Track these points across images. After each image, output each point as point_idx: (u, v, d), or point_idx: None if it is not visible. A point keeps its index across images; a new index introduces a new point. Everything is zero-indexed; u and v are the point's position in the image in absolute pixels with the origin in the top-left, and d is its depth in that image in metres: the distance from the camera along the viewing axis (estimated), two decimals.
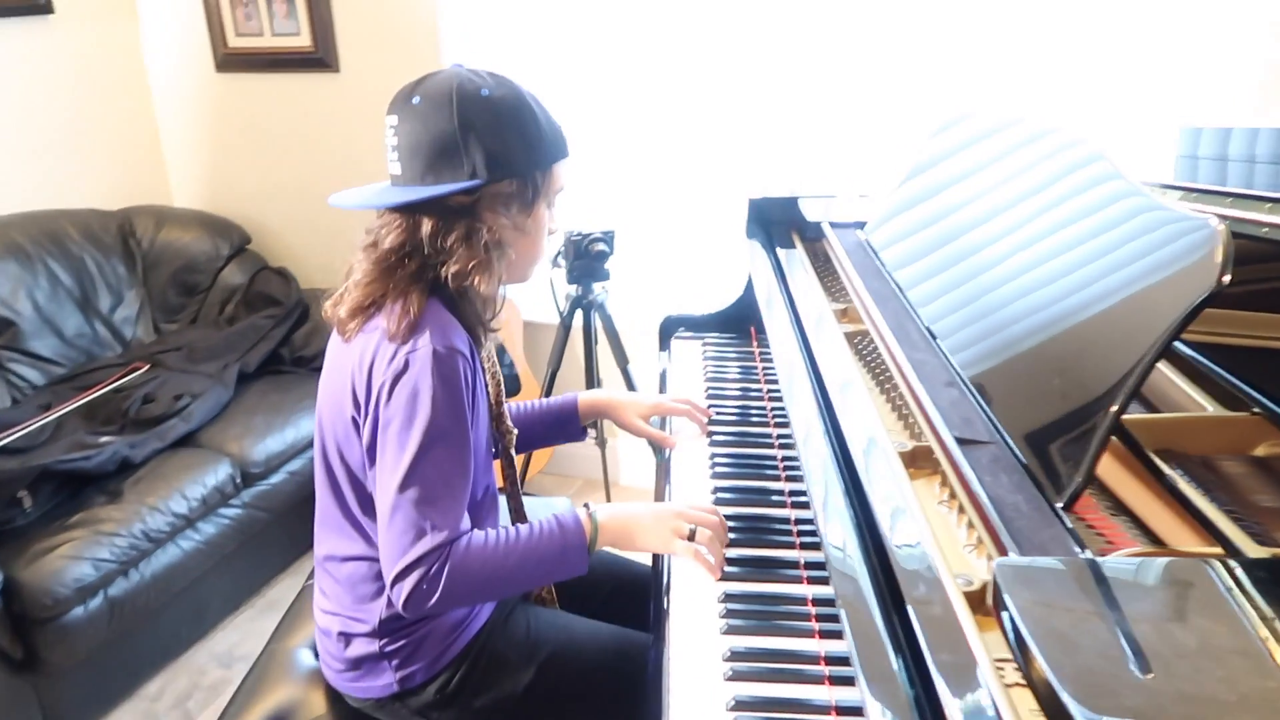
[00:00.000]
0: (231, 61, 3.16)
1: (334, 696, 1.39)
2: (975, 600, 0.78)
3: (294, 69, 3.10)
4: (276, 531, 2.57)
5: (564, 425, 1.63)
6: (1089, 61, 2.25)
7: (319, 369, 2.85)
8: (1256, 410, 1.08)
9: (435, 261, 1.21)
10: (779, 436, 1.57)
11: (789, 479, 1.40)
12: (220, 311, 3.06)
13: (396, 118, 1.21)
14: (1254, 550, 0.80)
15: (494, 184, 1.20)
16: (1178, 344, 1.18)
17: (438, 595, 1.15)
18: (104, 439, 2.32)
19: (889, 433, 1.07)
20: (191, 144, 3.32)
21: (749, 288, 2.04)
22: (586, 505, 1.29)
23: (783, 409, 1.64)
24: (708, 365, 1.87)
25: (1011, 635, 0.68)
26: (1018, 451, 0.92)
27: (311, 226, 3.26)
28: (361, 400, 1.21)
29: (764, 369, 1.84)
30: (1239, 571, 0.70)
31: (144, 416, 2.46)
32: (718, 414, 1.65)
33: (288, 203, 3.27)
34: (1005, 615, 0.69)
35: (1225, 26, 2.03)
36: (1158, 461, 0.97)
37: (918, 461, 1.04)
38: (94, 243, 2.93)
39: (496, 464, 1.46)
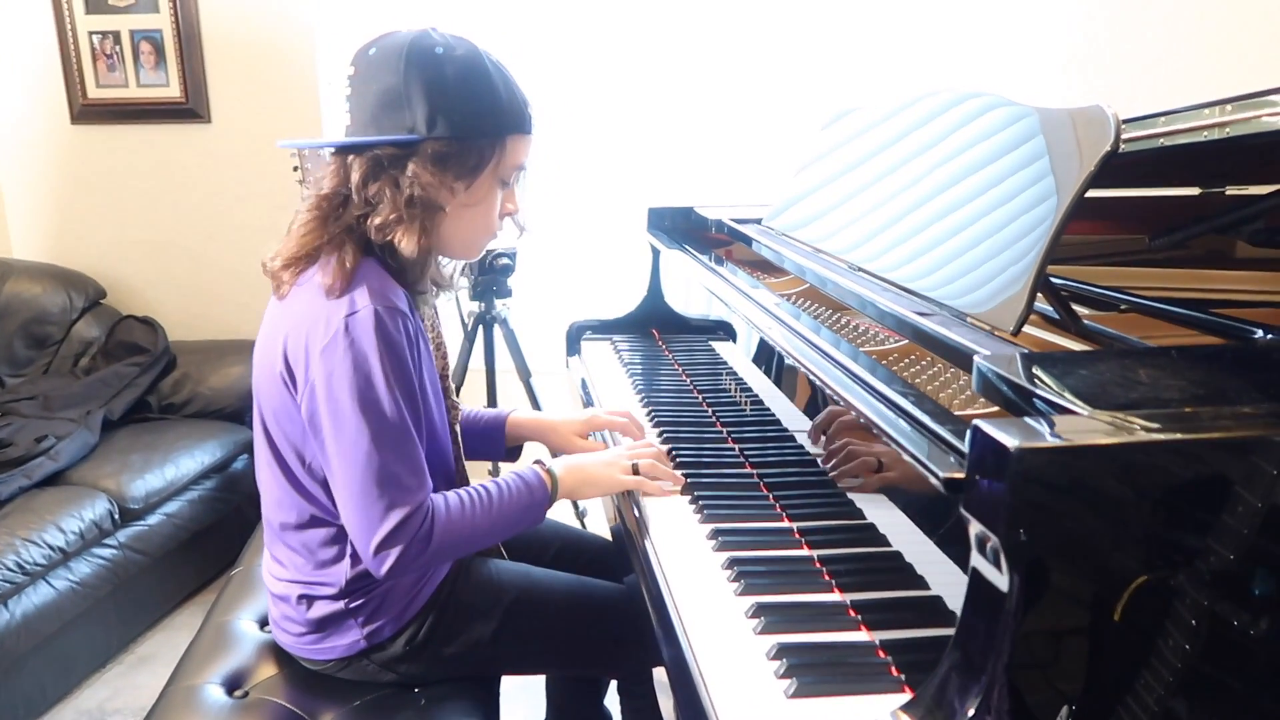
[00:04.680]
0: (90, 113, 3.09)
1: (286, 661, 1.35)
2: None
3: (161, 120, 3.07)
4: (150, 580, 2.41)
5: (489, 440, 1.59)
6: None
7: (191, 415, 2.76)
8: (1124, 308, 1.31)
9: (364, 213, 1.18)
10: (721, 421, 1.62)
11: (751, 464, 1.43)
12: (75, 363, 2.90)
13: (353, 69, 1.21)
14: None
15: (431, 141, 1.16)
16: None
17: (424, 558, 1.18)
18: None
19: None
20: (39, 196, 3.18)
21: (648, 294, 2.19)
22: (540, 462, 1.33)
23: (711, 394, 1.75)
24: (625, 362, 1.97)
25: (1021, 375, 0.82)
26: (962, 310, 1.09)
27: (174, 280, 3.18)
28: (296, 365, 1.17)
29: (678, 362, 1.96)
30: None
31: (1, 459, 2.29)
32: (655, 410, 1.65)
33: (149, 256, 3.17)
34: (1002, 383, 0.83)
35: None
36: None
37: (885, 360, 1.19)
38: None
39: None
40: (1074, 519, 0.67)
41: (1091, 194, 1.03)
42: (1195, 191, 1.54)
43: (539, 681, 1.76)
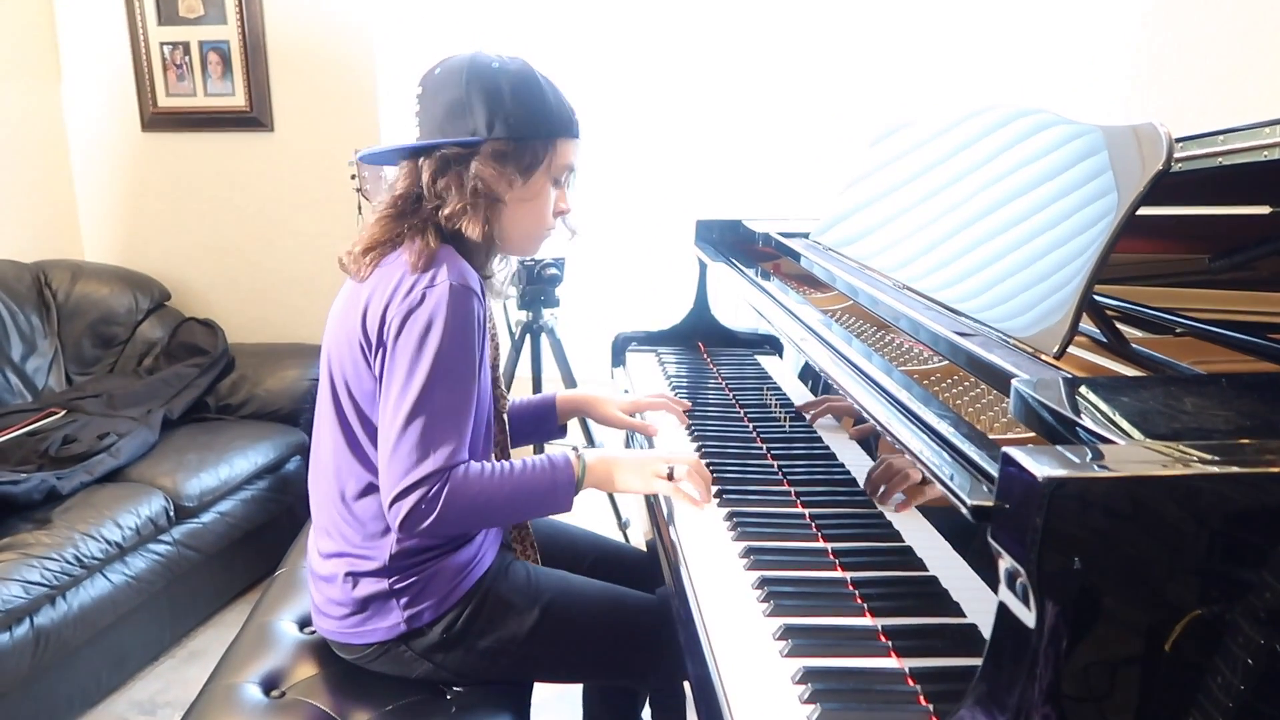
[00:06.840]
0: (160, 121, 3.19)
1: (325, 656, 1.37)
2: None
3: (226, 128, 3.15)
4: (203, 577, 2.47)
5: (542, 422, 1.70)
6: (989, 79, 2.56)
7: (246, 417, 2.83)
8: (1180, 331, 1.27)
9: (435, 206, 1.31)
10: (762, 437, 1.61)
11: (790, 482, 1.42)
12: (139, 363, 2.99)
13: (421, 88, 1.34)
14: None
15: (491, 142, 1.30)
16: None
17: (434, 517, 1.21)
18: (23, 476, 2.22)
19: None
20: (111, 201, 3.29)
21: (695, 307, 2.19)
22: (575, 449, 1.35)
23: (755, 409, 1.74)
24: (669, 374, 1.96)
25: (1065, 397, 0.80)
26: (1006, 331, 1.06)
27: (235, 284, 3.26)
28: (373, 330, 1.26)
29: (722, 375, 1.95)
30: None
31: (65, 455, 2.37)
32: (696, 423, 1.66)
33: (212, 260, 3.26)
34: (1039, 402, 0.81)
35: (1095, 20, 2.35)
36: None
37: (926, 381, 1.17)
38: (7, 292, 2.84)
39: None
40: (1104, 554, 0.65)
41: (1152, 211, 0.99)
42: (1265, 210, 1.48)
43: (575, 692, 1.76)
